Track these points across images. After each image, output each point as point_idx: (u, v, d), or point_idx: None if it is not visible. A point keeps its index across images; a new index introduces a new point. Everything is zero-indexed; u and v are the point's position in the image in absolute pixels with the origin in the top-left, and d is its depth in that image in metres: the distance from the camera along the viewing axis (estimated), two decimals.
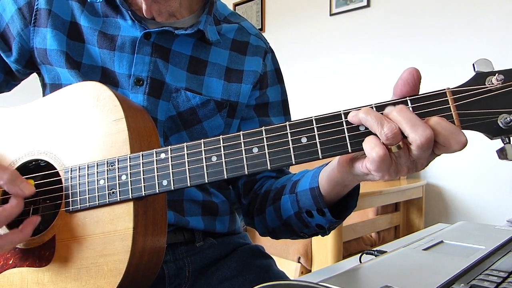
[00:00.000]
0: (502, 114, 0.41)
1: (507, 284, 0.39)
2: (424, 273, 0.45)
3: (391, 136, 0.41)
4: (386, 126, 0.42)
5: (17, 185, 0.51)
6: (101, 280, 0.51)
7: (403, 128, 0.42)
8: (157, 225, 0.54)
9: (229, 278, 0.70)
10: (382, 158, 0.42)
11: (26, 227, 0.53)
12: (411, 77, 0.44)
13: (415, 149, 0.42)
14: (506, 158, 0.42)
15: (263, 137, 0.47)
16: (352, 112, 0.45)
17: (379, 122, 0.42)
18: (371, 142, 0.43)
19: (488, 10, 2.26)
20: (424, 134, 0.41)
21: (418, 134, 0.41)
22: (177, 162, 0.50)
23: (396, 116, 0.42)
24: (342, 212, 0.62)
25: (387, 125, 0.42)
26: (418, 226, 2.39)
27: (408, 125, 0.41)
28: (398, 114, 0.42)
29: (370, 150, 0.43)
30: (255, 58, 0.78)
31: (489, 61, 0.43)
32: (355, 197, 0.61)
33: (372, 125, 0.43)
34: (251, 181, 0.77)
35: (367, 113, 0.43)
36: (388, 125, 0.42)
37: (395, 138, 0.42)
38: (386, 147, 0.42)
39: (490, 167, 2.22)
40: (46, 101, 0.61)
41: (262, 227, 0.74)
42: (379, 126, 0.42)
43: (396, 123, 0.42)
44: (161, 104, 0.68)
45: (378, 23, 2.70)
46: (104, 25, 0.69)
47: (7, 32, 0.69)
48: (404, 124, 0.42)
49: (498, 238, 0.58)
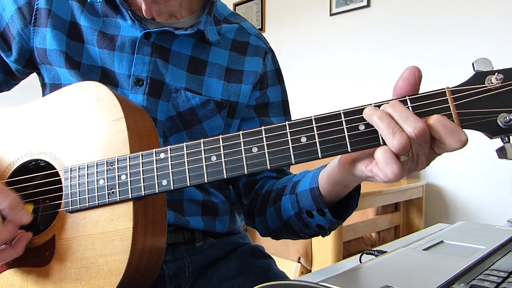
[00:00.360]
0: (501, 113, 0.41)
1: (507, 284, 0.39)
2: (424, 273, 0.45)
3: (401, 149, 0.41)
4: (397, 136, 0.41)
5: (15, 213, 0.52)
6: (101, 280, 0.51)
7: (396, 121, 0.42)
8: (157, 225, 0.54)
9: (229, 278, 0.70)
10: (396, 174, 0.42)
11: (18, 244, 0.53)
12: (412, 75, 0.44)
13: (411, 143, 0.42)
14: (505, 158, 0.42)
15: (262, 137, 0.47)
16: (368, 110, 0.44)
17: (392, 131, 0.42)
18: (386, 157, 0.43)
19: (488, 10, 2.26)
20: (417, 126, 0.41)
21: (411, 126, 0.41)
22: (177, 162, 0.50)
23: (389, 110, 0.42)
24: (343, 212, 0.61)
25: (399, 135, 0.41)
26: (418, 226, 2.39)
27: (400, 118, 0.42)
28: (390, 108, 0.43)
29: (385, 165, 0.43)
30: (255, 58, 0.78)
31: (488, 60, 0.43)
32: (355, 198, 0.60)
33: (384, 132, 0.42)
34: (252, 182, 0.77)
35: (381, 119, 0.42)
36: (399, 134, 0.41)
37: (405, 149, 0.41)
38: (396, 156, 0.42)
39: (490, 167, 2.22)
40: (46, 101, 0.61)
41: (263, 228, 0.74)
42: (391, 135, 0.42)
43: (389, 116, 0.42)
44: (160, 104, 0.68)
45: (378, 23, 2.70)
46: (104, 25, 0.69)
47: (7, 32, 0.69)
48: (397, 118, 0.42)
49: (498, 238, 0.58)
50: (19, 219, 0.52)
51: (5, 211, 0.51)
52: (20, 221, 0.52)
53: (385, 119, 0.42)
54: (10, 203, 0.52)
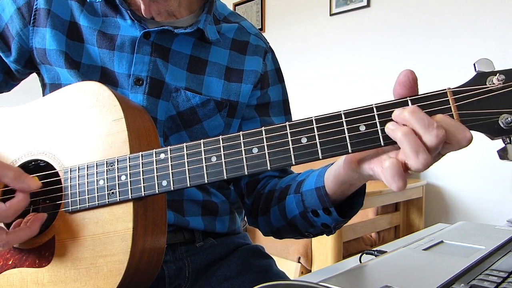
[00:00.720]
0: (503, 114, 0.41)
1: (507, 284, 0.39)
2: (424, 273, 0.45)
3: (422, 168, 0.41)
4: (421, 157, 0.40)
5: (22, 181, 0.52)
6: (101, 281, 0.51)
7: (416, 130, 0.41)
8: (157, 225, 0.54)
9: (229, 278, 0.70)
10: (401, 188, 0.42)
11: (33, 223, 0.53)
12: (407, 79, 0.44)
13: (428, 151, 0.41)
14: (507, 159, 0.42)
15: (263, 137, 0.47)
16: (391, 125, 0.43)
17: (416, 151, 0.40)
18: (393, 172, 0.42)
19: (488, 10, 2.26)
20: (439, 133, 0.40)
21: (432, 134, 0.40)
22: (177, 163, 0.50)
23: (408, 117, 0.41)
24: (348, 211, 0.62)
25: (423, 155, 0.40)
26: (418, 226, 2.39)
27: (422, 127, 0.40)
28: (410, 115, 0.41)
29: (391, 179, 0.42)
30: (255, 57, 0.78)
31: (490, 60, 0.42)
32: (361, 196, 0.60)
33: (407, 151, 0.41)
34: (254, 181, 0.77)
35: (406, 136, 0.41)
36: (423, 154, 0.40)
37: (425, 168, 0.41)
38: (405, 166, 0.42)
39: (490, 167, 2.22)
40: (46, 101, 0.60)
41: (266, 227, 0.74)
42: (415, 155, 0.41)
43: (407, 123, 0.41)
44: (160, 104, 0.68)
45: (378, 23, 2.70)
46: (104, 24, 0.68)
47: (6, 32, 0.69)
48: (418, 126, 0.41)
49: (498, 238, 0.58)
50: (28, 185, 0.52)
51: (11, 181, 0.51)
52: (29, 187, 0.52)
53: (410, 137, 0.41)
54: (15, 173, 0.52)
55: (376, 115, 0.44)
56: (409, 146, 0.41)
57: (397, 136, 0.42)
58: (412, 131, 0.41)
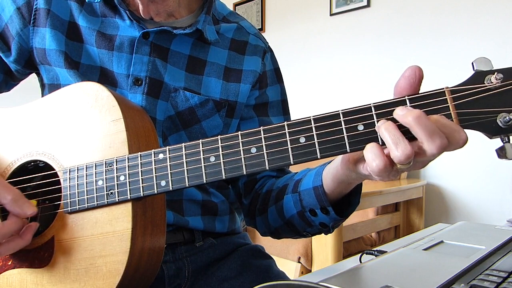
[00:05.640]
0: (501, 113, 0.41)
1: (507, 284, 0.39)
2: (424, 273, 0.44)
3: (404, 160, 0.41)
4: (400, 148, 0.41)
5: (19, 206, 0.52)
6: (100, 281, 0.51)
7: (419, 136, 0.41)
8: (156, 225, 0.54)
9: (229, 278, 0.70)
10: (382, 170, 0.42)
11: (25, 234, 0.53)
12: (413, 74, 0.43)
13: (426, 158, 0.41)
14: (505, 157, 0.42)
15: (261, 137, 0.47)
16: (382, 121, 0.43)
17: (396, 142, 0.41)
18: (372, 153, 0.42)
19: (488, 10, 2.25)
20: (441, 143, 0.40)
21: (435, 144, 0.40)
22: (176, 163, 0.50)
23: (413, 123, 0.41)
24: (345, 209, 0.62)
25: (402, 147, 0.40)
26: (418, 226, 2.39)
27: (425, 135, 0.40)
28: (415, 121, 0.40)
29: (371, 160, 0.42)
30: (254, 57, 0.78)
31: (488, 59, 0.42)
32: (357, 195, 0.61)
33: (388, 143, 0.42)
34: (252, 181, 0.77)
35: (387, 129, 0.41)
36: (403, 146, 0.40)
37: (407, 161, 0.41)
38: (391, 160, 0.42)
39: (490, 167, 2.22)
40: (45, 102, 0.60)
41: (264, 227, 0.74)
42: (394, 146, 0.41)
43: (411, 128, 0.41)
44: (159, 104, 0.68)
45: (378, 23, 2.70)
46: (103, 25, 0.69)
47: (6, 32, 0.69)
48: (421, 134, 0.40)
49: (498, 238, 0.58)
50: (24, 211, 0.52)
51: (9, 205, 0.52)
52: (25, 213, 0.52)
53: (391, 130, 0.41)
54: (14, 197, 0.52)
55: (374, 114, 0.44)
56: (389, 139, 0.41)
57: (380, 131, 0.43)
58: (393, 125, 0.42)
